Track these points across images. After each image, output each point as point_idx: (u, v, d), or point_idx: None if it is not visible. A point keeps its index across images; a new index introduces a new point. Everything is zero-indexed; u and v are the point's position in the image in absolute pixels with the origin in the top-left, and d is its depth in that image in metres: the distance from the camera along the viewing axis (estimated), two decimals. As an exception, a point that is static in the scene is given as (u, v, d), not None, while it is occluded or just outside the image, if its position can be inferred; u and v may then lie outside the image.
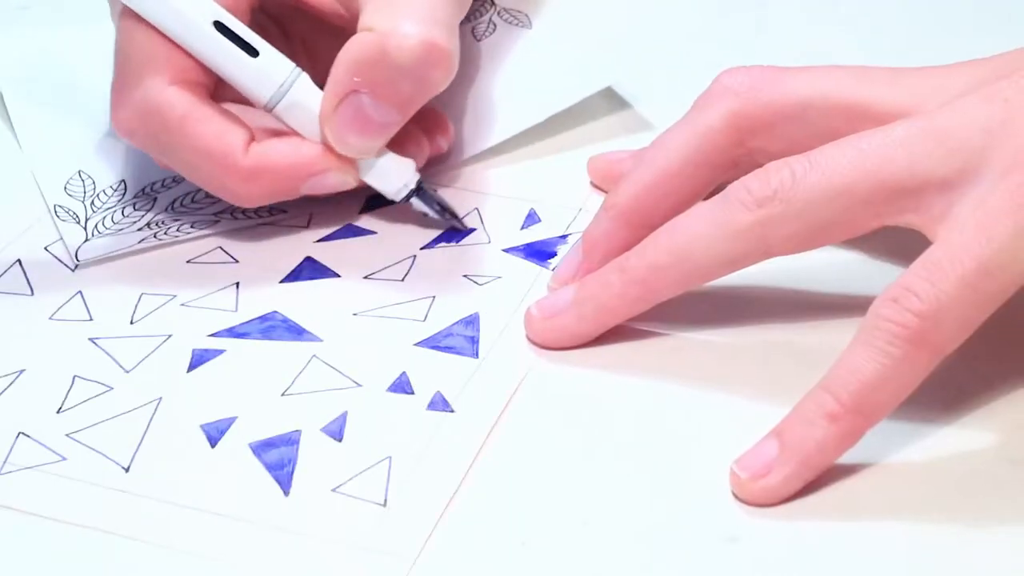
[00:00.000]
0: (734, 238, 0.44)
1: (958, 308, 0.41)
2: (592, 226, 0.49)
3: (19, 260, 0.51)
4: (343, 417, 0.44)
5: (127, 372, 0.46)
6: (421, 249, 0.52)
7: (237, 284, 0.50)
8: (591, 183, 0.54)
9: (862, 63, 0.48)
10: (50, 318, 0.48)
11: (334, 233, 0.52)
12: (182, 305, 0.49)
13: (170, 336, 0.48)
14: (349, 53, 0.48)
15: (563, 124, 0.57)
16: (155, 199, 0.53)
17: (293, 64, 0.50)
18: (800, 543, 0.41)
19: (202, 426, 0.44)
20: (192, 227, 0.52)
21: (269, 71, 0.49)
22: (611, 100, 0.59)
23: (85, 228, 0.52)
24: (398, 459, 0.43)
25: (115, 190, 0.54)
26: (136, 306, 0.49)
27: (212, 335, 0.48)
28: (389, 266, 0.51)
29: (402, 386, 0.45)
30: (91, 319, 0.48)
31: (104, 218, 0.52)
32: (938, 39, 0.62)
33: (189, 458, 0.43)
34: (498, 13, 0.60)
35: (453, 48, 0.48)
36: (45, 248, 0.52)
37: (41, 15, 0.65)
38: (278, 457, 0.43)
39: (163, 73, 0.49)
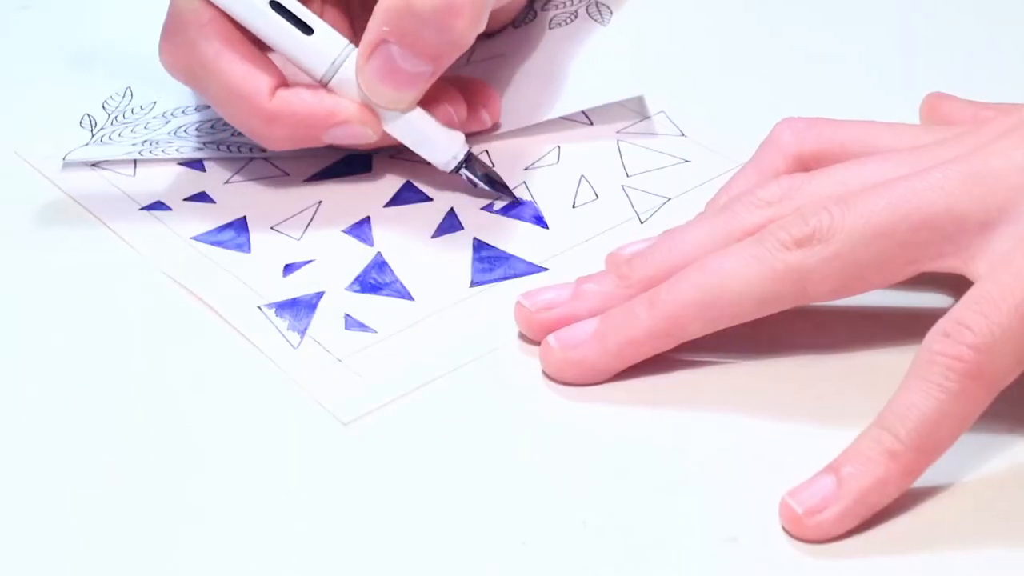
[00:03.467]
0: (771, 279, 0.44)
1: (1013, 340, 0.40)
2: (595, 282, 0.47)
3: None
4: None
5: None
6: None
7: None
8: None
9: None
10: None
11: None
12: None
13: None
14: (380, 4, 0.50)
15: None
16: (168, 121, 0.56)
17: (346, 41, 0.52)
18: (800, 543, 0.41)
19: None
20: (177, 151, 0.54)
21: (322, 48, 0.51)
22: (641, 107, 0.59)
23: (92, 134, 0.55)
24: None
25: (144, 110, 0.56)
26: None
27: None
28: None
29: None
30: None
31: (114, 131, 0.55)
32: (939, 40, 0.62)
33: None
34: (587, 7, 0.60)
35: (473, 1, 0.49)
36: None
37: (43, 15, 0.66)
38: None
39: (208, 9, 0.51)
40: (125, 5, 0.65)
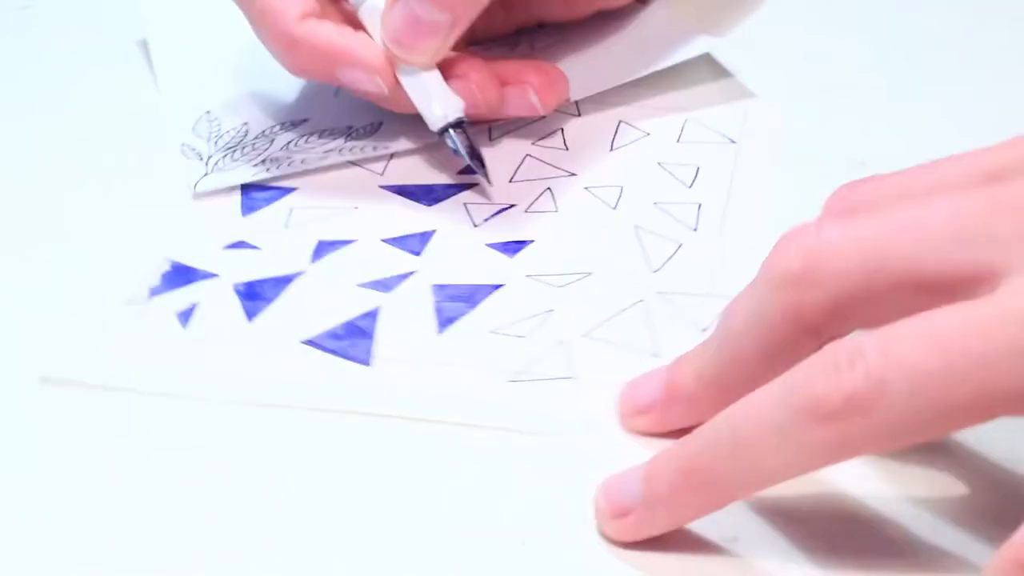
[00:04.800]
0: (806, 457, 0.37)
1: None
2: (679, 371, 0.43)
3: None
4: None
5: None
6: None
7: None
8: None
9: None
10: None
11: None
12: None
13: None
14: None
15: (661, 90, 0.58)
16: (272, 140, 0.56)
17: None
18: (800, 543, 0.41)
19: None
20: (302, 163, 0.54)
21: None
22: (712, 67, 0.59)
23: (206, 164, 0.54)
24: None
25: (237, 131, 0.56)
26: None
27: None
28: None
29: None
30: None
31: (225, 156, 0.55)
32: (940, 41, 0.62)
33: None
34: None
35: None
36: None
37: (44, 15, 0.66)
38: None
39: None
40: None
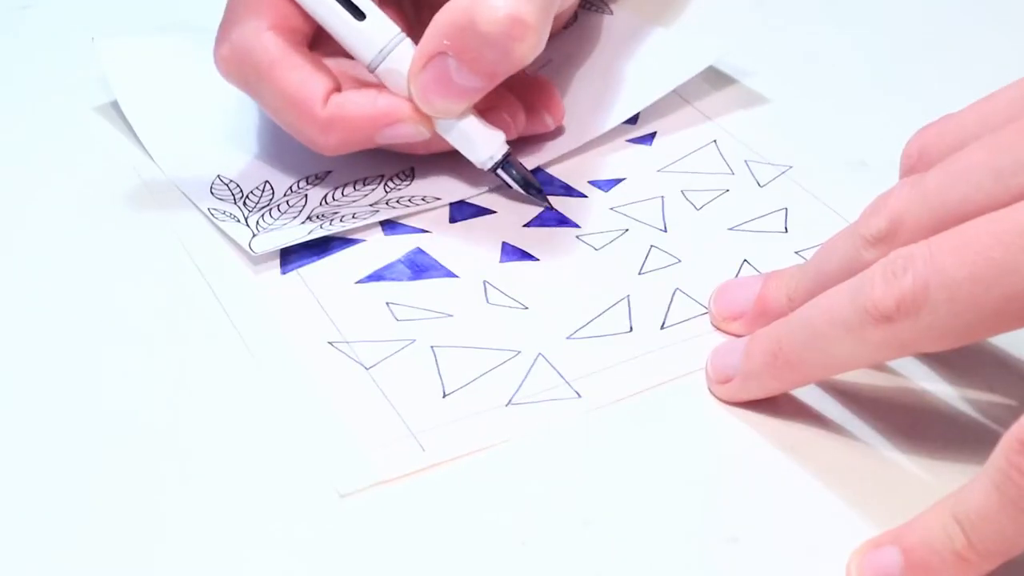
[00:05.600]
0: (869, 351, 0.42)
1: None
2: (773, 288, 0.47)
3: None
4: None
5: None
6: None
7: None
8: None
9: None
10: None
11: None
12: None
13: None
14: (442, 16, 0.49)
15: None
16: (306, 195, 0.54)
17: (398, 29, 0.52)
18: (800, 543, 0.41)
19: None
20: (354, 217, 0.53)
21: (373, 34, 0.51)
22: (718, 77, 0.59)
23: (247, 225, 0.52)
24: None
25: (261, 191, 0.54)
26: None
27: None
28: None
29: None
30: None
31: (262, 215, 0.53)
32: (939, 40, 0.63)
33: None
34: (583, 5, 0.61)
35: (539, 24, 0.49)
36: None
37: (43, 14, 0.66)
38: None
39: (264, 17, 0.51)
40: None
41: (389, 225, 0.53)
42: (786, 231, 0.52)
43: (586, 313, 0.48)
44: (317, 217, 0.53)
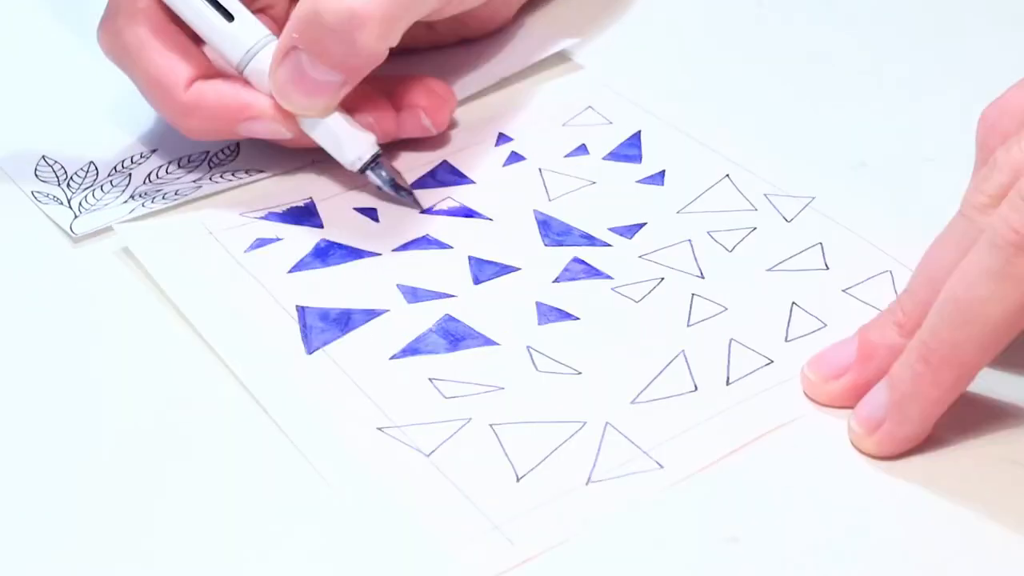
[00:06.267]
0: (1021, 292, 0.41)
1: None
2: (875, 331, 0.44)
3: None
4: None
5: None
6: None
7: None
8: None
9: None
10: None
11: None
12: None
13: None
14: (295, 11, 0.50)
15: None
16: (130, 174, 0.55)
17: (267, 31, 0.52)
18: (800, 543, 0.40)
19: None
20: (176, 194, 0.54)
21: (241, 36, 0.52)
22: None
23: (70, 206, 0.53)
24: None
25: (86, 172, 0.55)
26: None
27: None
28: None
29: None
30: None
31: (86, 196, 0.54)
32: (940, 41, 0.62)
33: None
34: None
35: (382, 14, 0.50)
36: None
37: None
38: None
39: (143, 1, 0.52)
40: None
41: (410, 291, 0.49)
42: (827, 268, 0.50)
43: (644, 374, 0.46)
44: (140, 196, 0.54)
